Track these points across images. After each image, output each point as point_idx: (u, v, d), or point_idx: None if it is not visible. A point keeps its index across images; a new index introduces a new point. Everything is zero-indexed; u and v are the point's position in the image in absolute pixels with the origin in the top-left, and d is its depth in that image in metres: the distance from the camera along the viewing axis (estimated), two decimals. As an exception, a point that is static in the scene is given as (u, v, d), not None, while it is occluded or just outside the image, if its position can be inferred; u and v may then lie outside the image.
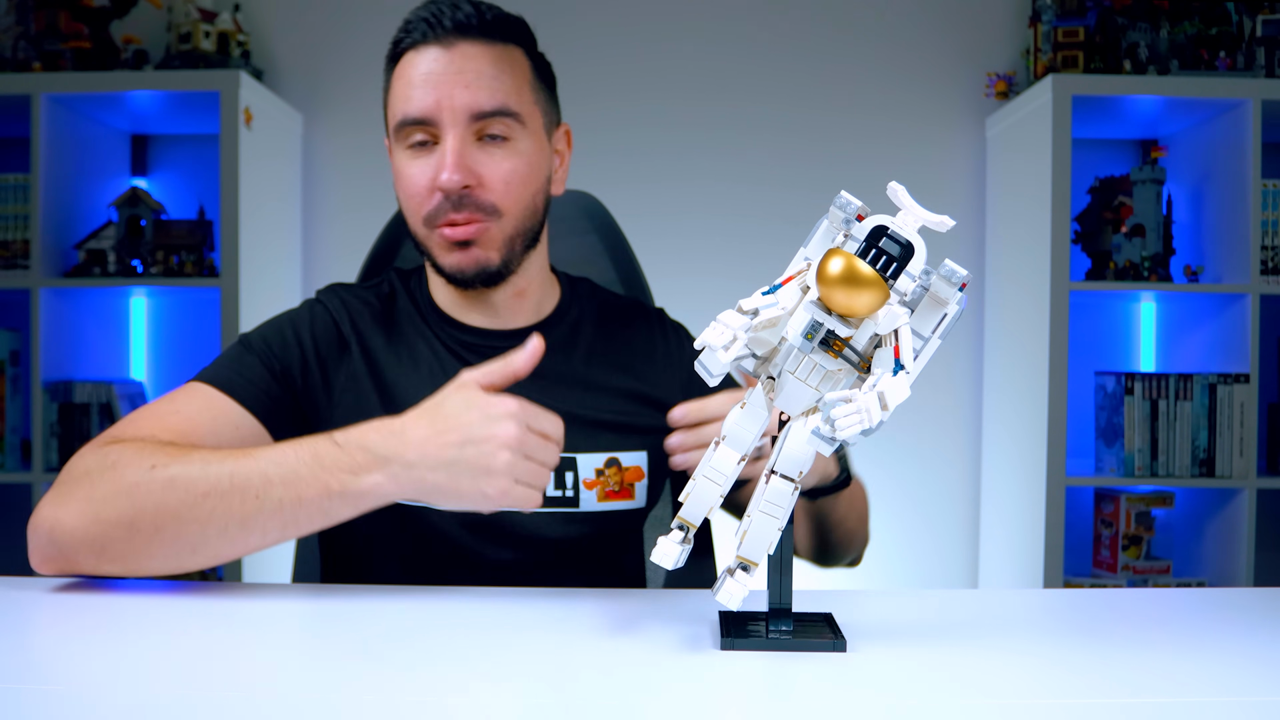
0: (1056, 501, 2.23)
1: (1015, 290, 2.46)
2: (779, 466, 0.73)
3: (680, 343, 1.25)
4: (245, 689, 0.67)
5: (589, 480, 1.13)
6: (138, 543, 0.89)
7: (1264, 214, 2.28)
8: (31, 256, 2.31)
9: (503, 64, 1.10)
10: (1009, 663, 0.75)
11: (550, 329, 1.18)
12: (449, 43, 1.08)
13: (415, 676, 0.70)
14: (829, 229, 0.74)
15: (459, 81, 1.07)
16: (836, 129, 2.65)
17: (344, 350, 1.14)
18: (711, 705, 0.67)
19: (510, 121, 1.09)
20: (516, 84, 1.10)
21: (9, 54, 2.38)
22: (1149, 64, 2.35)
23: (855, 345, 0.71)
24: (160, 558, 0.89)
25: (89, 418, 2.37)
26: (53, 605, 0.88)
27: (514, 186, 1.10)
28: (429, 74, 1.08)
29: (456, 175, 1.07)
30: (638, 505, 1.16)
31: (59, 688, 0.66)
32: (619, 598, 0.92)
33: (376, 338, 1.15)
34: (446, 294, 1.18)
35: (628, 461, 1.15)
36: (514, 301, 1.18)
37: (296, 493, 0.88)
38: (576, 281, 1.27)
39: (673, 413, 0.99)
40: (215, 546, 0.89)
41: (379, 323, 1.16)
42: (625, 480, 1.15)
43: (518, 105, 1.10)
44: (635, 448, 1.16)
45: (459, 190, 1.07)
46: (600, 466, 1.14)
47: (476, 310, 1.17)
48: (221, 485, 0.88)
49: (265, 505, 0.88)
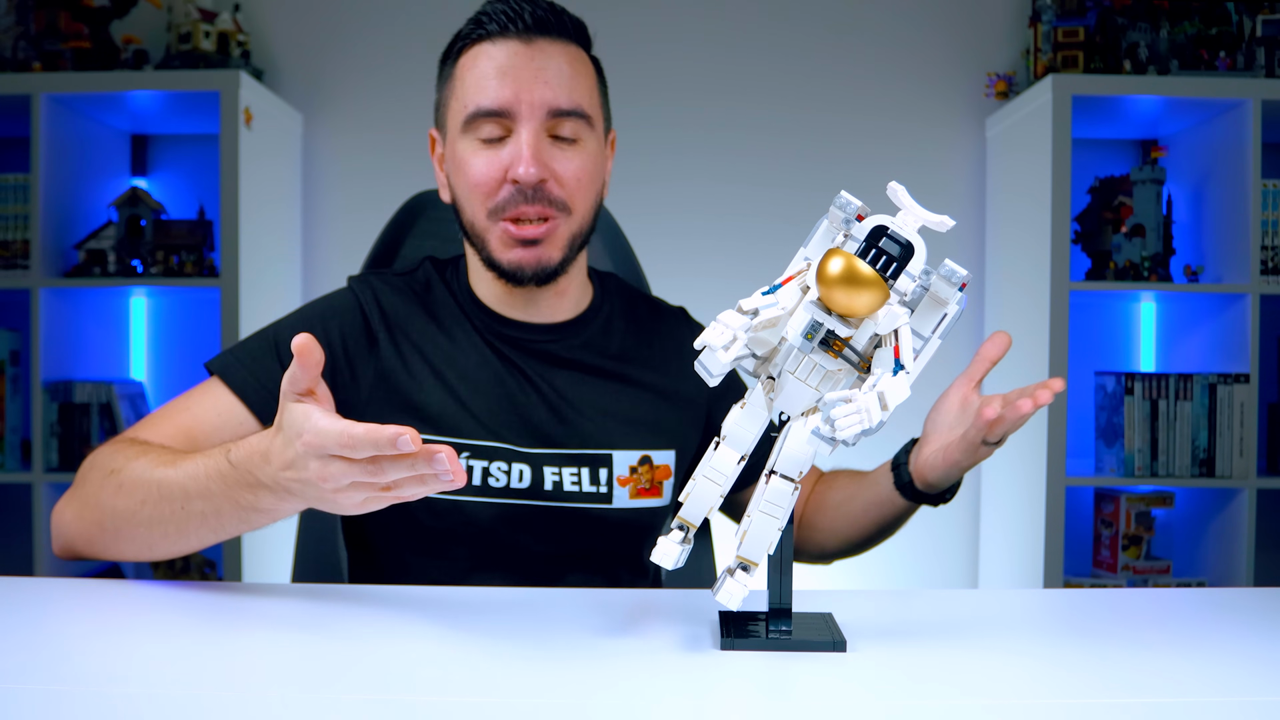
0: (1056, 501, 2.23)
1: (1015, 290, 2.46)
2: (779, 466, 0.73)
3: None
4: (246, 689, 0.67)
5: (623, 477, 1.13)
6: (107, 539, 0.96)
7: (1264, 214, 2.28)
8: (31, 256, 2.31)
9: (577, 65, 1.11)
10: (1009, 663, 0.75)
11: (586, 324, 1.19)
12: (528, 38, 1.08)
13: (414, 676, 0.70)
14: (829, 229, 0.74)
15: (539, 77, 1.07)
16: (836, 129, 2.65)
17: (372, 345, 1.13)
18: (711, 705, 0.67)
19: (581, 123, 1.10)
20: (588, 86, 1.12)
21: (9, 54, 2.38)
22: (1149, 64, 2.35)
23: (855, 345, 0.71)
24: (129, 552, 0.96)
25: (89, 418, 2.37)
26: (51, 605, 0.88)
27: (585, 184, 1.11)
28: (508, 67, 1.07)
29: (534, 168, 1.07)
30: (664, 503, 1.17)
31: (59, 688, 0.66)
32: (619, 597, 0.92)
33: (416, 321, 1.14)
34: (489, 288, 1.17)
35: (659, 460, 1.16)
36: (555, 300, 1.18)
37: (214, 506, 0.89)
38: (605, 277, 1.27)
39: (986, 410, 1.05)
40: (164, 546, 0.94)
41: (420, 307, 1.16)
42: (656, 478, 1.15)
43: (589, 107, 1.11)
44: (666, 446, 1.16)
45: (535, 183, 1.07)
46: (634, 464, 1.14)
47: (518, 306, 1.17)
48: (153, 494, 0.92)
49: (190, 515, 0.90)
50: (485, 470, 1.09)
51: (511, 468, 1.10)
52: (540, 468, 1.11)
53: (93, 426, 2.37)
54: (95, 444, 2.37)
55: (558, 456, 1.12)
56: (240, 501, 0.87)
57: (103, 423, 2.38)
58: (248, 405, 1.05)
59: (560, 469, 1.12)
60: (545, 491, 1.11)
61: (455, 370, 1.13)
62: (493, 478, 1.10)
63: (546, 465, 1.12)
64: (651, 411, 1.17)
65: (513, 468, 1.10)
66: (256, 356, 1.08)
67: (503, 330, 1.16)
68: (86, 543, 0.99)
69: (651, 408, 1.18)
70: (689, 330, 1.26)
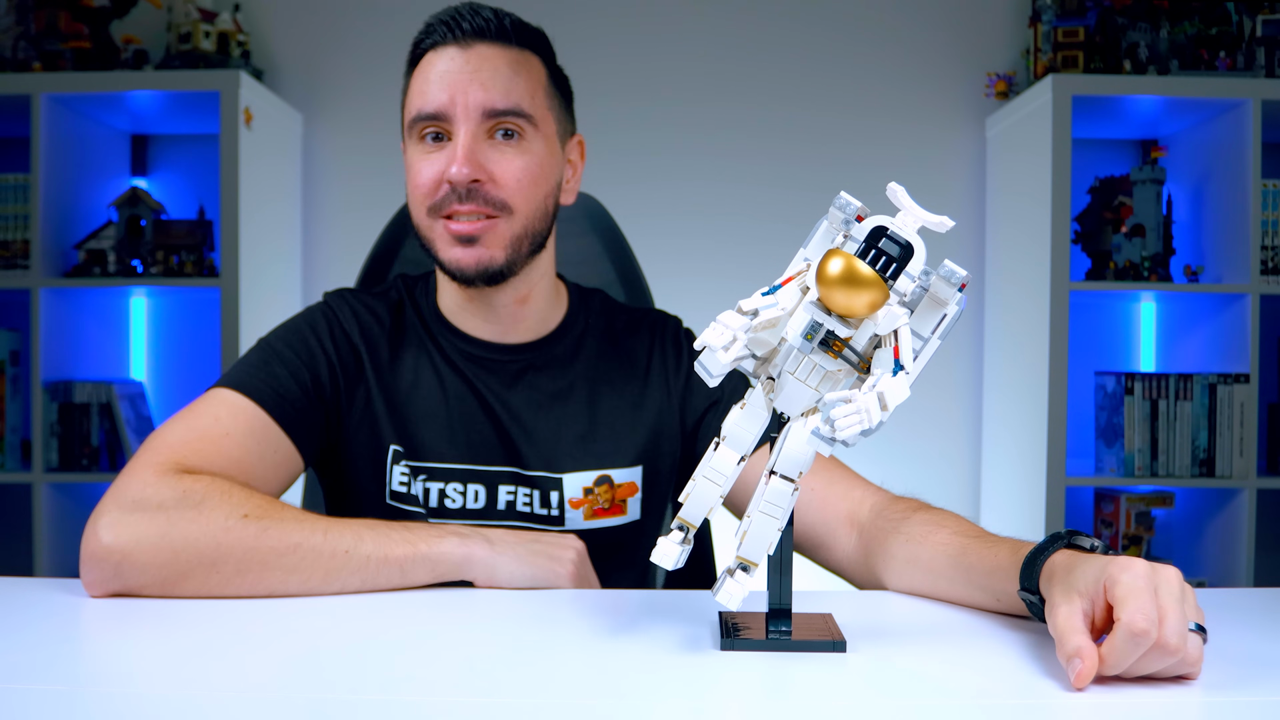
0: (1056, 501, 2.23)
1: (1015, 290, 2.46)
2: (779, 467, 0.73)
3: (680, 351, 1.23)
4: (246, 689, 0.67)
5: (575, 499, 1.14)
6: (214, 581, 0.91)
7: (1264, 214, 2.28)
8: (31, 256, 2.31)
9: (518, 67, 1.12)
10: (1009, 663, 0.75)
11: (553, 344, 1.19)
12: (466, 44, 1.11)
13: (414, 676, 0.70)
14: (828, 229, 0.74)
15: (474, 80, 1.10)
16: (836, 129, 2.65)
17: (360, 368, 1.15)
18: (711, 705, 0.67)
19: (522, 122, 1.11)
20: (530, 87, 1.12)
21: (9, 54, 2.38)
22: (1149, 64, 2.35)
23: (855, 346, 0.71)
24: (229, 593, 0.91)
25: (89, 418, 2.37)
26: (51, 605, 0.88)
27: (525, 184, 1.11)
28: (445, 73, 1.11)
29: (466, 169, 1.08)
30: (630, 519, 1.16)
31: (59, 688, 0.66)
32: (619, 598, 0.92)
33: (383, 353, 1.16)
34: (452, 299, 1.18)
35: (620, 478, 1.15)
36: (517, 309, 1.17)
37: (385, 551, 0.93)
38: (589, 294, 1.26)
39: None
40: (287, 589, 0.92)
41: (388, 338, 1.17)
42: (617, 497, 1.15)
43: (530, 108, 1.12)
44: (629, 463, 1.16)
45: (467, 183, 1.09)
46: (589, 485, 1.14)
47: (480, 317, 1.17)
48: (314, 539, 0.92)
49: (352, 560, 0.92)
50: (441, 491, 1.12)
51: (467, 488, 1.13)
52: (495, 487, 1.13)
53: (93, 426, 2.37)
54: (95, 444, 2.38)
55: (510, 475, 1.13)
56: (419, 548, 0.94)
57: (103, 423, 2.38)
58: (277, 419, 1.06)
59: (515, 488, 1.13)
60: (499, 512, 1.13)
61: (417, 392, 1.15)
62: (449, 499, 1.12)
63: (501, 485, 1.13)
64: (615, 429, 1.17)
65: (468, 488, 1.13)
66: (267, 373, 1.09)
67: (465, 348, 1.17)
68: (168, 583, 0.90)
69: (616, 426, 1.17)
70: (662, 340, 1.23)
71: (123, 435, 2.38)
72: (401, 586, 0.93)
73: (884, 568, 0.99)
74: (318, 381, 1.10)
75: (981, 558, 0.87)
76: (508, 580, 0.94)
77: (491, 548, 0.94)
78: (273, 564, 0.91)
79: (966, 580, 0.89)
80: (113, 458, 2.38)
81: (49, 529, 2.32)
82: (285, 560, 0.91)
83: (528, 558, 0.95)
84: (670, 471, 1.19)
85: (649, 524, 1.18)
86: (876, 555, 1.00)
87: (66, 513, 2.39)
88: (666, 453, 1.19)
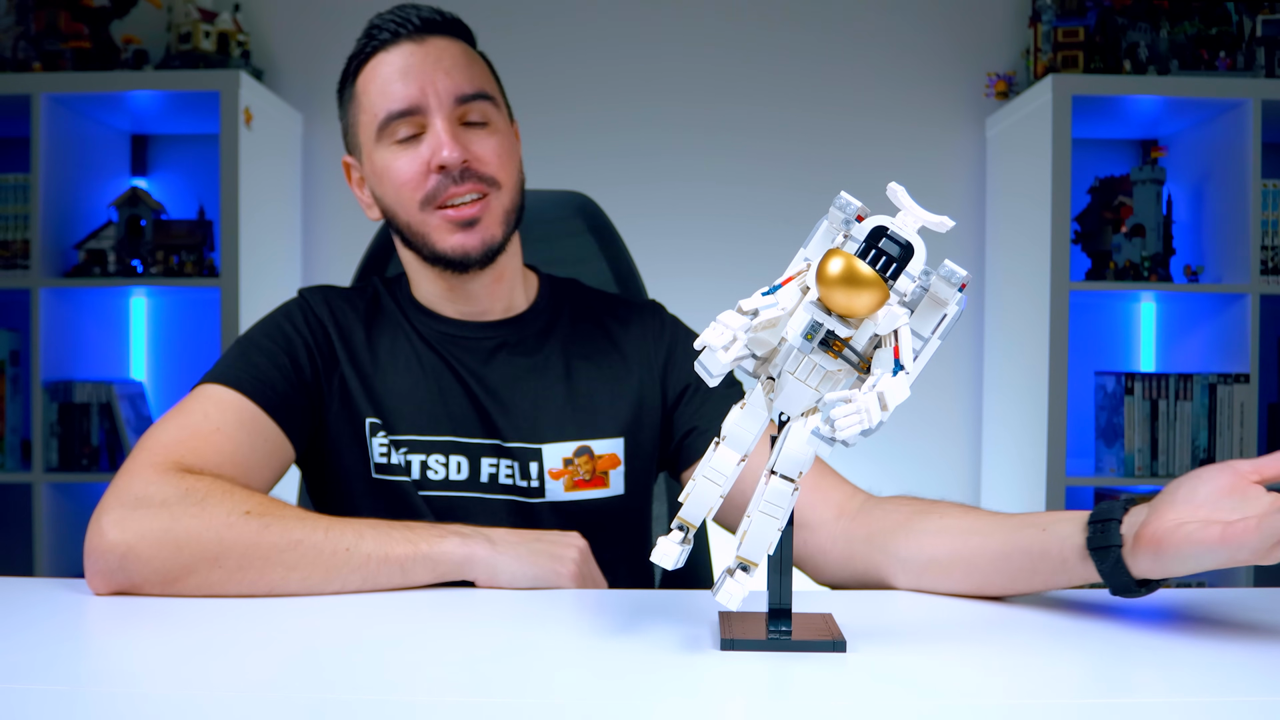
0: (1056, 501, 2.23)
1: (1015, 290, 2.46)
2: (779, 467, 0.73)
3: (663, 326, 1.24)
4: (246, 689, 0.67)
5: (555, 470, 1.14)
6: (216, 577, 0.91)
7: (1264, 214, 2.28)
8: (31, 256, 2.31)
9: (469, 55, 1.17)
10: (1009, 663, 0.75)
11: (526, 322, 1.21)
12: (420, 38, 1.14)
13: (414, 676, 0.70)
14: (828, 229, 0.74)
15: (440, 68, 1.12)
16: (836, 129, 2.65)
17: (333, 351, 1.16)
18: (711, 705, 0.67)
19: (488, 104, 1.15)
20: (484, 73, 1.18)
21: (9, 54, 2.38)
22: (1149, 64, 2.35)
23: (855, 346, 0.71)
24: (230, 590, 0.91)
25: (89, 418, 2.37)
26: (50, 605, 0.88)
27: (505, 160, 1.15)
28: (407, 66, 1.12)
29: (456, 151, 1.10)
30: (614, 493, 1.16)
31: (59, 688, 0.66)
32: (619, 598, 0.92)
33: (358, 335, 1.18)
34: (429, 287, 1.20)
35: (601, 449, 1.16)
36: (494, 287, 1.19)
37: (386, 550, 0.93)
38: (562, 280, 1.28)
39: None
40: (288, 587, 0.92)
41: (363, 322, 1.19)
42: (598, 469, 1.16)
43: (492, 91, 1.16)
44: (610, 435, 1.17)
45: (459, 164, 1.10)
46: (569, 455, 1.15)
47: (459, 301, 1.19)
48: (315, 536, 0.92)
49: (353, 558, 0.92)
50: (424, 464, 1.13)
51: (449, 460, 1.13)
52: (478, 459, 1.14)
53: (93, 426, 2.37)
54: (95, 444, 2.38)
55: (492, 448, 1.14)
56: (420, 547, 0.93)
57: (103, 423, 2.38)
58: (266, 409, 1.06)
59: (498, 460, 1.14)
60: (481, 484, 1.13)
61: (394, 367, 1.16)
62: (431, 470, 1.13)
63: (484, 457, 1.14)
64: (594, 401, 1.18)
65: (450, 460, 1.13)
66: (249, 364, 1.10)
67: (440, 328, 1.19)
68: (169, 579, 0.90)
69: (595, 398, 1.18)
70: (641, 315, 1.25)
71: (123, 435, 2.38)
72: (402, 586, 0.93)
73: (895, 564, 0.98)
74: (297, 365, 1.11)
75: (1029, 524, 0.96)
76: (509, 580, 0.94)
77: (493, 547, 0.94)
78: (274, 560, 0.91)
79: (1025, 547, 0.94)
80: (113, 458, 2.38)
81: (49, 529, 2.32)
82: (286, 557, 0.91)
83: (529, 558, 0.95)
84: (653, 447, 1.20)
85: (634, 500, 1.18)
86: (878, 555, 0.99)
87: (66, 513, 2.39)
88: (648, 426, 1.20)
